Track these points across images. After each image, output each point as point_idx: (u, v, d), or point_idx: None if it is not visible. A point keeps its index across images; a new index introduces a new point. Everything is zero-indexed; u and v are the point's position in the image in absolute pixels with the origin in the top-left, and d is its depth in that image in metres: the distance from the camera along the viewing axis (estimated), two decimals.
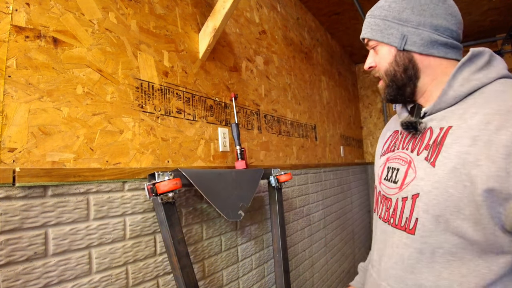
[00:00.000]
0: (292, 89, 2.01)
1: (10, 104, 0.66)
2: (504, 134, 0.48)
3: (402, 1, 0.63)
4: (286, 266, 1.39)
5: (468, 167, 0.51)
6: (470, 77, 0.57)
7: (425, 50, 0.61)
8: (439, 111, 0.61)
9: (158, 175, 0.88)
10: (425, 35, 0.61)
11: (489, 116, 0.51)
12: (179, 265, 0.87)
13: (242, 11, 1.55)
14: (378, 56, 0.68)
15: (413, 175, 0.60)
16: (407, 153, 0.65)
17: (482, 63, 0.58)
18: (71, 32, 0.80)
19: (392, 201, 0.65)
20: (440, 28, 0.60)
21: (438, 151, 0.57)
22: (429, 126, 0.62)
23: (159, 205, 0.89)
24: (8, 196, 0.64)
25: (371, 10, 0.68)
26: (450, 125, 0.57)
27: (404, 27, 0.62)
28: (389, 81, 0.67)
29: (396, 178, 0.65)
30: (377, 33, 0.65)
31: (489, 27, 2.93)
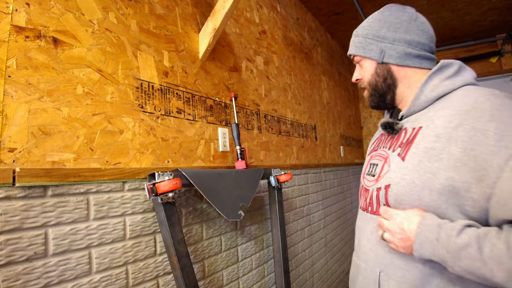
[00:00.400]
0: (292, 89, 2.01)
1: (10, 104, 0.66)
2: (462, 131, 0.56)
3: (380, 21, 0.73)
4: (286, 266, 1.39)
5: (432, 160, 0.59)
6: (439, 84, 0.66)
7: (401, 61, 0.71)
8: (413, 114, 0.70)
9: (158, 175, 0.88)
10: (400, 49, 0.70)
11: (451, 116, 0.60)
12: (179, 265, 0.88)
13: (242, 11, 1.55)
14: (362, 69, 0.78)
15: (387, 168, 0.70)
16: (385, 150, 0.75)
17: (451, 73, 0.66)
18: (71, 32, 0.80)
19: (369, 192, 0.74)
20: (413, 43, 0.70)
21: (408, 147, 0.66)
22: (404, 127, 0.71)
23: (159, 205, 0.89)
24: (8, 196, 0.64)
25: (356, 30, 0.79)
26: (420, 126, 0.66)
27: (382, 43, 0.72)
28: (372, 90, 0.77)
29: (375, 172, 0.74)
30: (360, 49, 0.76)
31: (489, 27, 2.93)
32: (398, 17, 0.71)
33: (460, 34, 3.08)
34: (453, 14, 2.65)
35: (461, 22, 2.80)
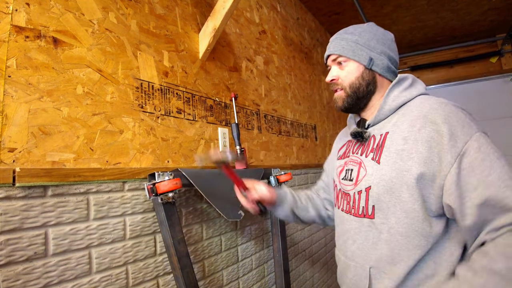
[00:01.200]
0: (292, 89, 2.01)
1: (10, 104, 0.66)
2: (424, 132, 0.66)
3: (370, 33, 0.80)
4: (286, 266, 1.39)
5: (404, 160, 0.68)
6: (399, 95, 0.76)
7: (383, 72, 0.79)
8: (379, 122, 0.79)
9: (158, 175, 0.88)
10: (385, 62, 0.79)
11: (413, 121, 0.69)
12: (179, 265, 0.88)
13: (242, 11, 1.55)
14: (344, 70, 0.81)
15: (364, 173, 0.76)
16: (357, 156, 0.81)
17: (407, 85, 0.77)
18: (71, 32, 0.79)
19: (350, 196, 0.80)
20: (392, 59, 0.80)
21: (380, 151, 0.73)
22: (372, 134, 0.79)
23: (159, 205, 0.89)
24: (8, 196, 0.64)
25: (340, 33, 0.83)
26: (387, 131, 0.74)
27: (371, 52, 0.78)
28: (352, 92, 0.80)
29: (351, 176, 0.81)
30: (349, 51, 0.79)
31: (489, 27, 2.93)
32: (385, 35, 0.81)
33: (460, 34, 3.08)
34: (453, 14, 2.65)
35: (461, 22, 2.80)
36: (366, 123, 0.82)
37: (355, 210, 0.78)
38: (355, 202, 0.78)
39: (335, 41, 0.83)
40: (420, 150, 0.66)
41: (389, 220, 0.70)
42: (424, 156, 0.65)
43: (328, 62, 0.85)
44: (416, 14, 2.62)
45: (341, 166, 0.88)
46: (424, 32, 2.98)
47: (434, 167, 0.64)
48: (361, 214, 0.76)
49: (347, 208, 0.81)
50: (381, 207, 0.71)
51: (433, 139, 0.65)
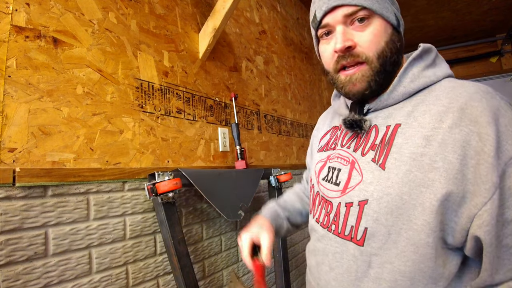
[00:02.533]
0: (292, 89, 2.01)
1: (10, 104, 0.66)
2: (459, 133, 0.45)
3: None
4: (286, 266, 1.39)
5: (424, 170, 0.46)
6: (420, 74, 0.53)
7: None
8: (384, 107, 0.55)
9: (158, 175, 0.88)
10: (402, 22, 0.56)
11: (440, 113, 0.47)
12: (179, 265, 0.87)
13: (242, 11, 1.55)
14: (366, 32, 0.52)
15: (359, 178, 0.53)
16: (349, 152, 0.58)
17: (430, 61, 0.54)
18: (71, 32, 0.79)
19: (333, 205, 0.57)
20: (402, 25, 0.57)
21: (387, 152, 0.51)
22: (373, 124, 0.55)
23: (159, 205, 0.89)
24: (8, 196, 0.64)
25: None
26: (398, 123, 0.52)
27: (394, 8, 0.54)
28: (380, 65, 0.52)
29: (338, 179, 0.58)
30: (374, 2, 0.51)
31: (489, 27, 2.93)
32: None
33: (460, 34, 3.08)
34: (453, 14, 2.65)
35: (461, 22, 2.80)
36: (364, 107, 0.58)
37: (337, 228, 0.56)
38: (337, 216, 0.56)
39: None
40: (449, 158, 0.44)
41: (387, 252, 0.49)
42: (455, 168, 0.44)
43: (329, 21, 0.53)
44: (416, 14, 2.62)
45: (322, 161, 0.65)
46: (424, 32, 2.98)
47: (466, 186, 0.43)
48: (347, 236, 0.54)
49: (326, 222, 0.59)
50: (377, 232, 0.50)
51: (471, 146, 0.44)
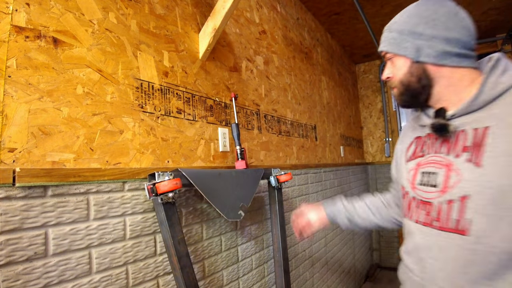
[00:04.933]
0: (292, 89, 2.01)
1: (10, 104, 0.66)
2: None
3: (417, 16, 0.67)
4: (286, 266, 1.39)
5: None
6: (497, 81, 0.62)
7: (438, 61, 0.66)
8: (467, 113, 0.64)
9: (158, 175, 0.88)
10: (439, 48, 0.65)
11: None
12: (179, 265, 0.87)
13: (242, 11, 1.55)
14: (394, 67, 0.72)
15: (456, 177, 0.63)
16: (442, 156, 0.67)
17: (503, 67, 0.62)
18: (71, 32, 0.79)
19: (433, 205, 0.67)
20: (453, 40, 0.64)
21: (481, 151, 0.60)
22: (460, 129, 0.65)
23: (159, 205, 0.89)
24: (8, 196, 0.64)
25: (388, 25, 0.73)
26: (486, 126, 0.61)
27: (418, 40, 0.66)
28: (404, 89, 0.72)
29: (436, 181, 0.67)
30: (393, 46, 0.70)
31: (489, 27, 2.93)
32: (437, 12, 0.65)
33: None
34: None
35: None
36: (446, 113, 0.68)
37: (441, 223, 0.65)
38: (441, 213, 0.65)
39: (384, 34, 0.74)
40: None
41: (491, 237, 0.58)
42: None
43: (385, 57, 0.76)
44: None
45: (413, 169, 0.75)
46: None
47: None
48: (452, 229, 0.63)
49: (428, 220, 0.68)
50: (480, 221, 0.59)
51: None
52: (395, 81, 0.73)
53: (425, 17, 0.66)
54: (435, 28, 0.65)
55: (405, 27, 0.68)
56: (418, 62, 0.68)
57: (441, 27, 0.65)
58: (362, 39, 3.02)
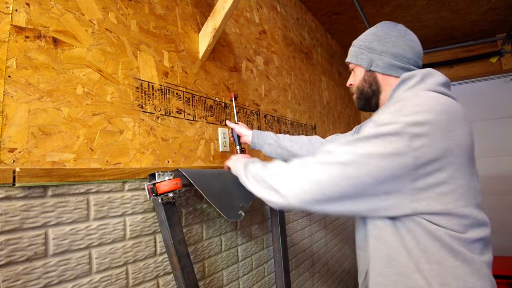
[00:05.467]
0: (292, 89, 2.01)
1: (10, 104, 0.66)
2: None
3: (373, 35, 0.83)
4: (287, 266, 1.39)
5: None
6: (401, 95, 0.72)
7: (385, 71, 0.81)
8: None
9: (158, 175, 0.88)
10: (387, 61, 0.80)
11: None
12: (180, 265, 0.87)
13: (242, 11, 1.55)
14: (355, 75, 0.89)
15: None
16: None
17: (414, 83, 0.73)
18: (71, 32, 0.79)
19: None
20: (399, 56, 0.79)
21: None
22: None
23: (159, 205, 0.89)
24: (8, 196, 0.64)
25: (354, 41, 0.91)
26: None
27: (372, 54, 0.82)
28: (359, 93, 0.88)
29: None
30: (354, 58, 0.87)
31: (489, 27, 2.93)
32: (388, 33, 0.81)
33: (460, 34, 3.08)
34: (453, 14, 2.65)
35: (461, 22, 2.80)
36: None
37: None
38: None
39: (350, 49, 0.91)
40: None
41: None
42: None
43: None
44: (416, 14, 2.62)
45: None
46: (424, 32, 2.98)
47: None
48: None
49: None
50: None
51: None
52: (354, 87, 0.90)
53: (379, 35, 0.82)
54: (385, 45, 0.80)
55: (363, 43, 0.85)
56: (370, 71, 0.83)
57: (390, 44, 0.80)
58: None
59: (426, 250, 0.62)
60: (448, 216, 0.61)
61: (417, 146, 0.58)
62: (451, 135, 0.61)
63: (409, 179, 0.60)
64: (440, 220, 0.61)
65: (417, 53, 0.81)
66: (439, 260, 0.61)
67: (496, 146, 3.03)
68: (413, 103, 0.63)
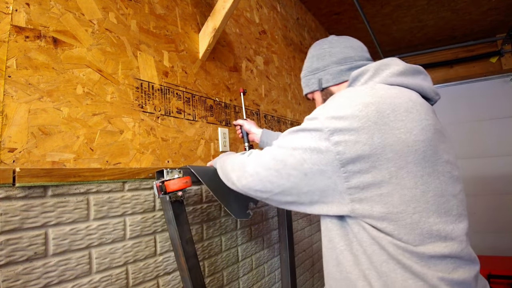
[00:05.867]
0: (292, 89, 2.01)
1: (10, 104, 0.66)
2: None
3: (311, 57, 0.85)
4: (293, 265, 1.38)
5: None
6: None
7: (337, 81, 0.79)
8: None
9: (167, 172, 0.85)
10: (332, 71, 0.79)
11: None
12: (187, 266, 0.85)
13: (242, 11, 1.55)
14: (316, 102, 0.87)
15: None
16: None
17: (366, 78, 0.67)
18: (71, 32, 0.79)
19: None
20: (341, 60, 0.78)
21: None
22: None
23: (168, 203, 0.86)
24: (8, 196, 0.64)
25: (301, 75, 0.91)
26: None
27: (317, 74, 0.82)
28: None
29: None
30: (306, 88, 0.87)
31: (489, 27, 2.93)
32: (321, 48, 0.82)
33: (460, 34, 3.08)
34: (453, 14, 2.65)
35: (461, 22, 2.80)
36: None
37: None
38: None
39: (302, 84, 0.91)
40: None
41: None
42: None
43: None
44: (416, 14, 2.62)
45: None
46: (424, 32, 2.98)
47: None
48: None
49: None
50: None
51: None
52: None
53: (315, 55, 0.83)
54: (324, 59, 0.80)
55: (307, 69, 0.86)
56: (324, 89, 0.82)
57: (328, 56, 0.80)
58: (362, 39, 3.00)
59: (372, 258, 0.56)
60: (395, 222, 0.54)
61: (338, 141, 0.55)
62: (385, 129, 0.53)
63: (340, 176, 0.55)
64: (386, 226, 0.54)
65: (359, 48, 0.79)
66: (387, 272, 0.55)
67: (496, 146, 3.03)
68: (339, 97, 0.60)
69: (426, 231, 0.53)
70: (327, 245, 0.66)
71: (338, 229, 0.62)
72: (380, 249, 0.55)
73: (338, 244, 0.62)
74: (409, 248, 0.53)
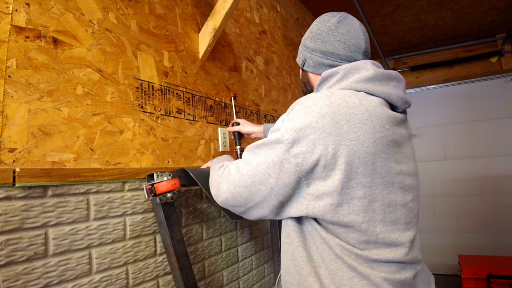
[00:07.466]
0: (292, 89, 2.01)
1: (10, 104, 0.66)
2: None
3: (309, 31, 0.77)
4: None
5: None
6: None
7: (315, 70, 0.74)
8: None
9: (157, 175, 0.88)
10: (316, 59, 0.73)
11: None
12: (178, 265, 0.87)
13: (242, 11, 1.55)
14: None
15: None
16: None
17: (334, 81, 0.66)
18: (71, 32, 0.79)
19: None
20: (328, 53, 0.71)
21: None
22: None
23: (158, 205, 0.89)
24: (8, 196, 0.64)
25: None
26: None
27: (305, 52, 0.76)
28: (302, 94, 0.81)
29: None
30: (297, 57, 0.82)
31: (489, 27, 2.93)
32: (320, 28, 0.74)
33: (460, 34, 3.08)
34: (453, 14, 2.65)
35: (461, 22, 2.80)
36: None
37: None
38: None
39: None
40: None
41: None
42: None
43: None
44: (416, 14, 2.62)
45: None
46: (424, 32, 2.98)
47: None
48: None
49: None
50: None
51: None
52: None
53: (313, 32, 0.75)
54: (316, 42, 0.73)
55: (303, 39, 0.79)
56: (304, 71, 0.79)
57: (320, 41, 0.72)
58: None
59: (323, 256, 0.60)
60: (345, 228, 0.57)
61: (297, 153, 0.56)
62: (339, 140, 0.55)
63: (302, 183, 0.58)
64: (337, 228, 0.58)
65: (352, 47, 0.70)
66: (335, 270, 0.58)
67: (496, 146, 3.03)
68: (299, 106, 0.60)
69: (372, 239, 0.56)
70: (285, 240, 0.68)
71: (294, 225, 0.65)
72: (329, 249, 0.59)
73: (294, 240, 0.64)
74: (355, 251, 0.57)
